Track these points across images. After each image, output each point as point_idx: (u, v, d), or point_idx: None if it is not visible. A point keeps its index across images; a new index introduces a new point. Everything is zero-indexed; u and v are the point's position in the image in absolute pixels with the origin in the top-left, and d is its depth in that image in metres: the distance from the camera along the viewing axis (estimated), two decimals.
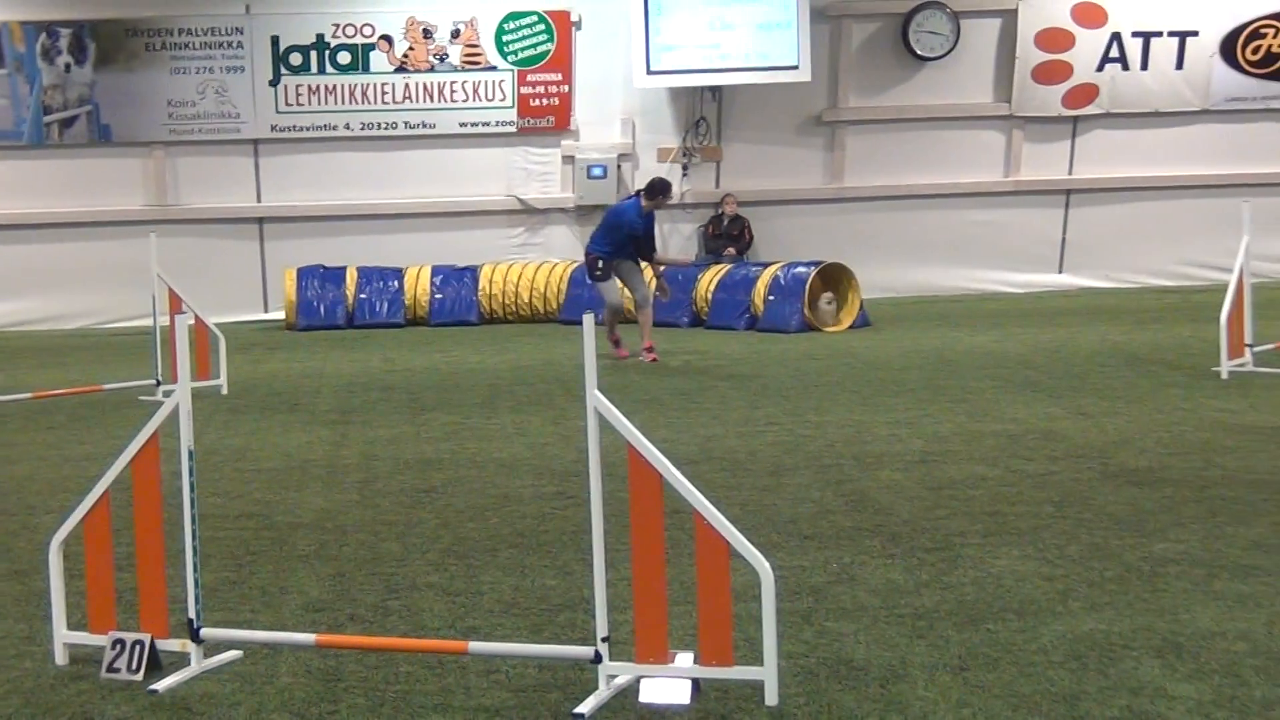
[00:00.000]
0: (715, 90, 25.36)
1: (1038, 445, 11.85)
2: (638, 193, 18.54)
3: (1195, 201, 26.03)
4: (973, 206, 25.86)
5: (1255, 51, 25.83)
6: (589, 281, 19.20)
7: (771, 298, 21.46)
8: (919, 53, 25.49)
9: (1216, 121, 25.95)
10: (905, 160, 25.90)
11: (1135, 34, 25.61)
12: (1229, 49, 25.80)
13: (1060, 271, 26.24)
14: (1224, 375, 15.04)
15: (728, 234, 24.97)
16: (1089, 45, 25.56)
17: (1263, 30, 25.74)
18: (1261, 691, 6.22)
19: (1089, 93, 25.70)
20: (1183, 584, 7.84)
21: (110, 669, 6.78)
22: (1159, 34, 25.65)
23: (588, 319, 6.31)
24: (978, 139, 25.94)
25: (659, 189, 18.08)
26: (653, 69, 24.52)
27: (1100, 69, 25.66)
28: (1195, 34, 25.73)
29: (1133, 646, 6.82)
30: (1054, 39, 25.47)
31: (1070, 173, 26.17)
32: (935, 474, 10.85)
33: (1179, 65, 25.79)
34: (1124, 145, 26.05)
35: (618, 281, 18.42)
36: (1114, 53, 25.64)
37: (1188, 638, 6.93)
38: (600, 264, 18.19)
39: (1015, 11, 25.46)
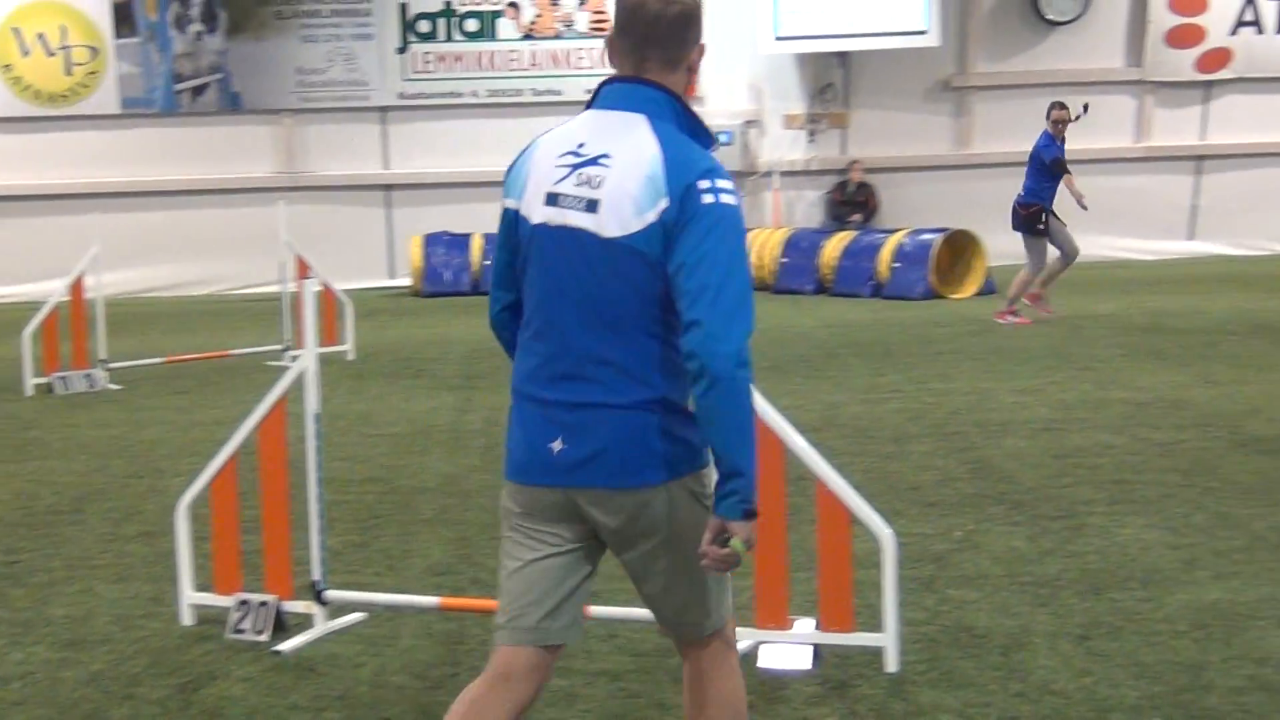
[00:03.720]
0: (843, 56, 25.23)
1: (1165, 413, 11.72)
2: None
3: None
4: (1103, 173, 25.44)
5: None
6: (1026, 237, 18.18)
7: (897, 264, 21.35)
8: (1048, 17, 25.24)
9: None
10: (1035, 126, 25.37)
11: None
12: None
13: (1191, 238, 25.92)
14: None
15: (853, 200, 24.87)
16: (1222, 8, 25.20)
17: None
18: None
19: (1222, 57, 25.33)
20: None
21: (236, 630, 6.87)
22: None
23: None
24: (1108, 104, 25.54)
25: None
26: (780, 34, 24.44)
27: (1234, 33, 25.29)
28: None
29: (1259, 616, 6.73)
30: (1188, 2, 25.13)
31: (1202, 138, 25.82)
32: (1060, 442, 10.75)
33: None
34: (1258, 110, 25.65)
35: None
36: (1248, 16, 25.24)
37: None
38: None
39: None
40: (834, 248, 22.34)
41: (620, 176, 4.09)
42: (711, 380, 3.94)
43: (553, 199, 4.19)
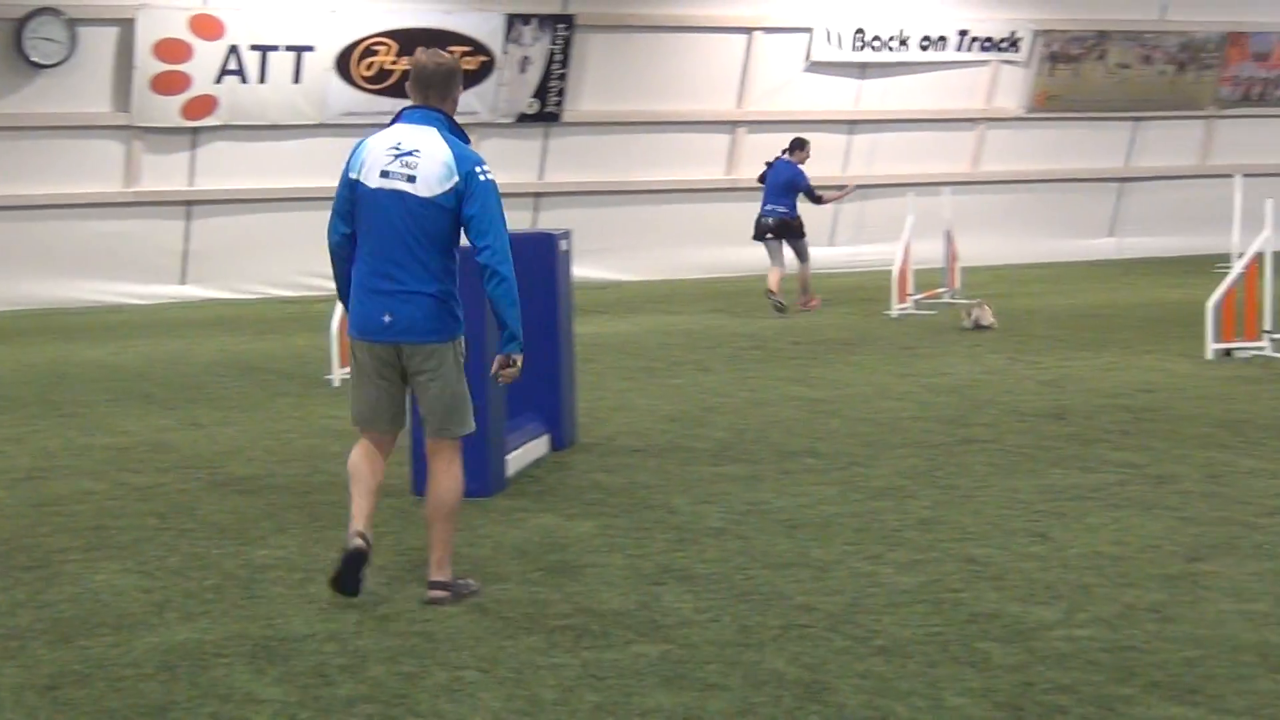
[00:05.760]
0: None
1: (148, 457, 11.83)
2: (784, 153, 22.29)
3: (314, 213, 26.44)
4: (92, 217, 25.44)
5: (369, 68, 26.66)
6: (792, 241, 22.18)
7: None
8: (33, 59, 24.81)
9: (333, 135, 26.47)
10: (24, 170, 25.10)
11: (254, 47, 25.86)
12: (344, 65, 26.51)
13: (183, 283, 26.23)
14: (335, 383, 15.40)
15: None
16: (208, 57, 25.58)
17: (375, 47, 26.59)
18: (346, 689, 6.46)
19: (208, 104, 25.76)
20: (279, 589, 8.03)
21: None
22: (276, 48, 26.02)
23: None
24: (97, 148, 25.50)
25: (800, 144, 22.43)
26: None
27: (219, 81, 25.75)
28: (311, 49, 26.28)
29: (225, 653, 6.93)
30: (172, 50, 25.35)
31: (191, 184, 26.18)
32: (40, 491, 10.66)
33: (296, 79, 26.27)
34: (244, 157, 26.26)
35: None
36: (233, 65, 25.78)
37: (280, 641, 7.11)
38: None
39: (133, 21, 25.17)
40: None
41: (428, 162, 7.39)
42: (496, 277, 7.34)
43: (385, 174, 7.41)
